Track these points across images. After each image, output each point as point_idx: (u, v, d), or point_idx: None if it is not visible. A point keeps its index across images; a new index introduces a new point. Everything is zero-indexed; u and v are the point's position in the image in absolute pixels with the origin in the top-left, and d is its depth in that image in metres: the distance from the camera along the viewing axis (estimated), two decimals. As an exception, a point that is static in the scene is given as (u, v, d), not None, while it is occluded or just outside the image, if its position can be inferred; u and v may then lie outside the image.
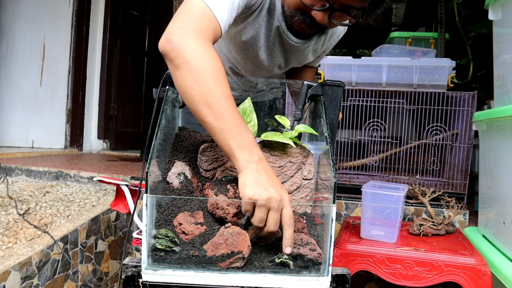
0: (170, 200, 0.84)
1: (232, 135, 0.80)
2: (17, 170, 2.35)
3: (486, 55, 2.00)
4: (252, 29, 1.11)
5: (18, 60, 3.41)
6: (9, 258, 1.40)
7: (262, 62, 1.21)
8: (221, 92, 0.81)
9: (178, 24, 0.87)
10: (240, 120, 0.82)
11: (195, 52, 0.83)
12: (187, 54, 0.83)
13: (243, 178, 0.78)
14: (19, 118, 3.41)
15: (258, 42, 1.14)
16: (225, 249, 0.77)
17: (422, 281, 1.40)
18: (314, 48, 1.27)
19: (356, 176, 2.24)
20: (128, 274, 0.79)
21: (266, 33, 1.13)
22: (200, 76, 0.82)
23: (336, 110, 1.03)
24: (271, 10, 1.08)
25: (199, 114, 0.82)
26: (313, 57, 1.32)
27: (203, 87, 0.81)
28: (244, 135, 0.80)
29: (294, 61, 1.27)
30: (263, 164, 0.80)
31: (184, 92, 0.84)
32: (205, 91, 0.81)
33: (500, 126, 1.50)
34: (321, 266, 0.80)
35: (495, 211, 1.56)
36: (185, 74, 0.83)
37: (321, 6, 0.97)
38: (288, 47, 1.18)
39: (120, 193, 1.05)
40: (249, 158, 0.79)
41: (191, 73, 0.82)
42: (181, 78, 0.84)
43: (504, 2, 1.54)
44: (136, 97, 4.17)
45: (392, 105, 2.16)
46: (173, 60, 0.85)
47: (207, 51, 0.85)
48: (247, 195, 0.76)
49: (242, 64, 1.25)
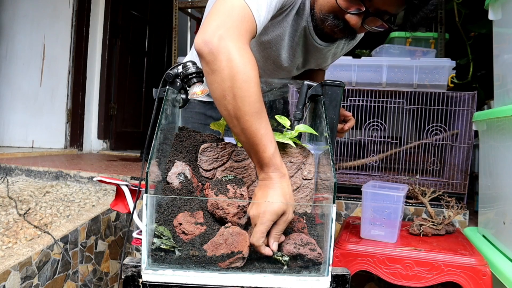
0: (170, 200, 0.84)
1: (253, 151, 0.83)
2: (17, 170, 2.35)
3: (486, 55, 2.00)
4: (279, 28, 1.09)
5: (18, 60, 3.41)
6: (9, 258, 1.40)
7: (282, 63, 1.19)
8: (249, 106, 0.81)
9: (217, 24, 0.85)
10: (261, 138, 0.82)
11: (231, 59, 0.82)
12: (224, 60, 0.82)
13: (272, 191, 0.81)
14: (19, 118, 3.41)
15: (283, 42, 1.12)
16: (225, 249, 0.77)
17: (422, 281, 1.39)
18: (334, 52, 1.26)
19: (356, 176, 2.24)
20: (128, 274, 0.79)
21: (291, 32, 1.11)
22: (233, 86, 0.81)
23: (336, 110, 1.03)
24: (300, 10, 1.07)
25: (228, 123, 0.85)
26: (332, 60, 1.31)
27: (234, 99, 0.81)
28: (260, 154, 0.82)
29: (313, 63, 1.26)
30: (287, 179, 0.84)
31: (216, 99, 0.84)
32: (234, 103, 0.81)
33: (500, 126, 1.50)
34: (321, 266, 0.80)
35: (495, 211, 1.56)
36: (220, 82, 0.82)
37: (357, 10, 0.95)
38: (311, 48, 1.17)
39: (120, 193, 1.05)
40: (263, 177, 0.83)
41: (226, 82, 0.82)
42: (215, 84, 0.84)
43: (504, 2, 1.54)
44: (136, 97, 4.17)
45: (392, 105, 2.16)
46: (210, 64, 0.84)
47: (244, 58, 0.83)
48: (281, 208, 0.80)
49: (261, 63, 1.22)
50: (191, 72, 0.95)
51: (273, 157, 0.82)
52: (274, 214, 0.78)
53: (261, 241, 0.77)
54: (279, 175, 0.82)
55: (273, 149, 0.82)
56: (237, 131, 0.83)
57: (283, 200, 0.79)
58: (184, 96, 0.98)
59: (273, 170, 0.82)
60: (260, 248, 0.78)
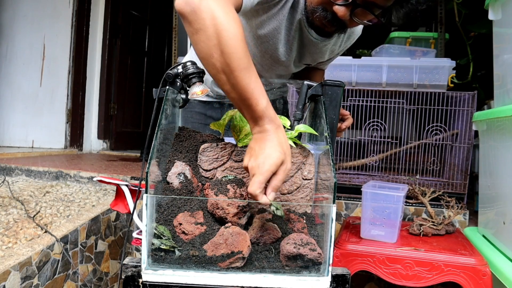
0: (170, 200, 0.84)
1: (245, 106, 0.82)
2: (17, 170, 2.35)
3: (486, 55, 2.00)
4: (275, 21, 1.09)
5: (18, 60, 3.41)
6: (9, 258, 1.40)
7: (280, 57, 1.19)
8: (237, 61, 0.81)
9: None
10: (252, 92, 0.81)
11: (215, 16, 0.81)
12: (208, 17, 0.81)
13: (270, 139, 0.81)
14: (19, 118, 3.41)
15: (280, 35, 1.13)
16: (225, 249, 0.77)
17: (422, 281, 1.39)
18: (332, 49, 1.26)
19: (356, 176, 2.24)
20: (128, 274, 0.79)
21: (287, 26, 1.11)
22: (219, 43, 0.80)
23: (336, 110, 1.03)
24: (295, 3, 1.07)
25: (217, 81, 0.84)
26: (329, 56, 1.31)
27: (221, 56, 0.80)
28: (253, 107, 0.81)
29: (308, 58, 1.26)
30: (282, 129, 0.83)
31: (203, 58, 0.84)
32: (222, 59, 0.81)
33: (500, 126, 1.50)
34: (321, 266, 0.80)
35: (495, 211, 1.56)
36: (205, 40, 0.82)
37: (344, 1, 0.95)
38: (306, 42, 1.17)
39: (120, 193, 1.05)
40: (258, 129, 0.82)
41: (211, 40, 0.81)
42: (201, 44, 0.83)
43: (504, 2, 1.54)
44: (136, 97, 4.17)
45: (392, 105, 2.16)
46: (192, 23, 0.83)
47: (228, 15, 0.82)
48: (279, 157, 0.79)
49: (259, 58, 1.23)
50: (191, 72, 0.95)
51: (267, 109, 0.82)
52: (274, 164, 0.78)
53: (258, 191, 0.76)
54: (274, 126, 0.82)
55: (265, 102, 0.82)
56: (227, 88, 0.82)
57: (281, 150, 0.79)
58: (184, 96, 0.98)
59: (268, 122, 0.81)
60: (258, 197, 0.77)
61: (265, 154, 0.78)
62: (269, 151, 0.79)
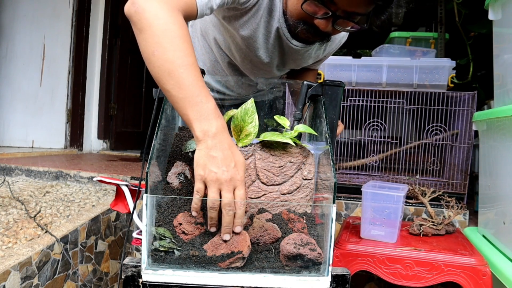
0: (170, 200, 0.84)
1: (190, 104, 0.77)
2: (17, 170, 2.35)
3: (486, 55, 2.00)
4: (249, 27, 1.09)
5: (18, 60, 3.41)
6: (9, 258, 1.40)
7: (260, 62, 1.20)
8: (182, 59, 0.79)
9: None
10: (201, 89, 0.79)
11: (159, 16, 0.81)
12: (151, 17, 0.81)
13: (197, 153, 0.77)
14: (19, 118, 3.41)
15: (256, 43, 1.13)
16: (225, 249, 0.77)
17: (422, 281, 1.39)
18: (316, 55, 1.26)
19: (356, 176, 2.24)
20: (128, 274, 0.79)
21: (265, 33, 1.11)
22: (161, 41, 0.80)
23: (336, 110, 1.03)
24: (271, 10, 1.07)
25: (159, 81, 0.81)
26: (313, 61, 1.31)
27: (164, 53, 0.79)
28: (203, 104, 0.77)
29: (292, 63, 1.26)
30: (219, 138, 0.77)
31: (146, 58, 0.82)
32: (165, 57, 0.79)
33: (500, 126, 1.50)
34: (321, 266, 0.80)
35: (495, 211, 1.56)
36: (148, 39, 0.81)
37: (324, 14, 0.95)
38: (288, 50, 1.17)
39: (120, 193, 1.05)
40: (206, 130, 0.77)
41: (153, 38, 0.80)
42: (144, 42, 0.83)
43: (504, 2, 1.54)
44: (136, 97, 4.17)
45: (392, 105, 2.16)
46: (137, 23, 0.83)
47: (172, 17, 0.82)
48: (198, 174, 0.75)
49: (240, 62, 1.24)
50: (191, 72, 0.94)
51: (216, 109, 0.79)
52: (243, 166, 0.77)
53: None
54: (216, 131, 0.77)
55: (213, 101, 0.79)
56: (170, 87, 0.79)
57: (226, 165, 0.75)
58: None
59: (220, 122, 0.79)
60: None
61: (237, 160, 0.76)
62: (238, 158, 0.77)
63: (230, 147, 0.78)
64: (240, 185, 0.75)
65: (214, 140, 0.76)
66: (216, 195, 0.74)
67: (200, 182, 0.75)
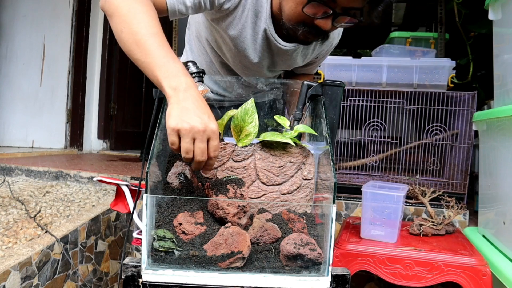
0: (170, 200, 0.84)
1: (158, 66, 0.80)
2: (17, 170, 2.35)
3: (486, 55, 2.00)
4: (236, 28, 1.10)
5: (18, 60, 3.41)
6: (9, 258, 1.40)
7: (250, 62, 1.20)
8: (146, 29, 0.84)
9: None
10: (167, 51, 0.82)
11: (126, 2, 0.87)
12: (118, 2, 0.88)
13: (169, 108, 0.77)
14: (19, 118, 3.41)
15: (244, 43, 1.14)
16: (225, 249, 0.77)
17: (422, 281, 1.40)
18: (304, 53, 1.25)
19: (356, 176, 2.24)
20: (128, 274, 0.79)
21: (252, 34, 1.12)
22: (127, 18, 0.85)
23: (336, 110, 1.03)
24: (257, 11, 1.07)
25: (130, 54, 0.85)
26: (303, 61, 1.30)
27: (130, 27, 0.84)
28: (170, 64, 0.80)
29: (282, 64, 1.26)
30: (190, 92, 0.78)
31: (117, 38, 0.88)
32: (131, 30, 0.84)
33: (500, 126, 1.50)
34: (321, 266, 0.80)
35: (495, 211, 1.56)
36: (116, 20, 0.88)
37: (324, 14, 0.96)
38: (277, 50, 1.17)
39: (120, 193, 1.05)
40: (176, 86, 0.78)
41: (120, 17, 0.87)
42: (113, 25, 0.89)
43: (504, 2, 1.54)
44: (136, 97, 4.17)
45: (392, 105, 2.16)
46: (107, 11, 0.90)
47: (138, 1, 0.88)
48: (170, 126, 0.75)
49: (231, 62, 1.24)
50: (191, 72, 0.95)
51: (184, 69, 0.82)
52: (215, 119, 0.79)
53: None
54: (187, 86, 0.79)
55: (181, 63, 0.83)
56: (138, 56, 0.83)
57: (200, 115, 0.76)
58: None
59: (189, 79, 0.81)
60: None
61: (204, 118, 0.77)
62: (210, 111, 0.78)
63: (202, 100, 0.80)
64: (213, 135, 0.76)
65: (185, 93, 0.78)
66: (190, 146, 0.75)
67: (174, 135, 0.76)
